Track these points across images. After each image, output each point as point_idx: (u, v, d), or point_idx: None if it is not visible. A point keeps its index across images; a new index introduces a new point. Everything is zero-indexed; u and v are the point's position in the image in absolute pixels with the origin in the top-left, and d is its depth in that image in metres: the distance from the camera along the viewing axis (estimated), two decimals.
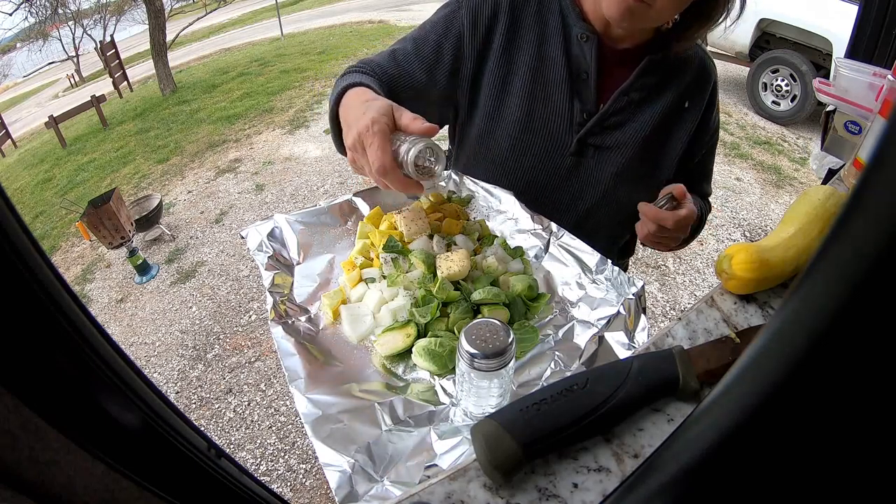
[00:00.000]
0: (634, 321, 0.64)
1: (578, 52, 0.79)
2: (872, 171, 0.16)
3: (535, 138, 0.82)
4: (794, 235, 0.58)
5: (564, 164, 0.84)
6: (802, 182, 3.70)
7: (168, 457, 0.33)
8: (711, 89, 0.86)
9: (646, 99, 0.82)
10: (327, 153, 4.71)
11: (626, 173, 0.84)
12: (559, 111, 0.81)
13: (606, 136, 0.82)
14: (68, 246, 4.26)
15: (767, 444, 0.22)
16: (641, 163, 0.84)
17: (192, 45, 12.26)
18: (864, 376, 0.18)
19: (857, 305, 0.17)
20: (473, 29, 0.80)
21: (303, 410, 0.57)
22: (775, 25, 4.50)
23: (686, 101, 0.84)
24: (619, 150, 0.83)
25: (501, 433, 0.41)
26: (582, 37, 0.78)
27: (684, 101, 0.84)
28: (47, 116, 7.14)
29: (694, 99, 0.85)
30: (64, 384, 0.27)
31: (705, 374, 0.47)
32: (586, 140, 0.82)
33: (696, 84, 0.84)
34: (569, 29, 0.79)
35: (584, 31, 0.78)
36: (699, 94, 0.85)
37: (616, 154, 0.83)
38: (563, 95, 0.80)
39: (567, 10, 0.79)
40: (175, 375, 2.68)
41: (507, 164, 0.86)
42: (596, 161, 0.83)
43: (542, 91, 0.80)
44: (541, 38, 0.80)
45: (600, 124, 0.81)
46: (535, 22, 0.80)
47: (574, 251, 0.76)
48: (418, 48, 0.81)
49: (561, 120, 0.81)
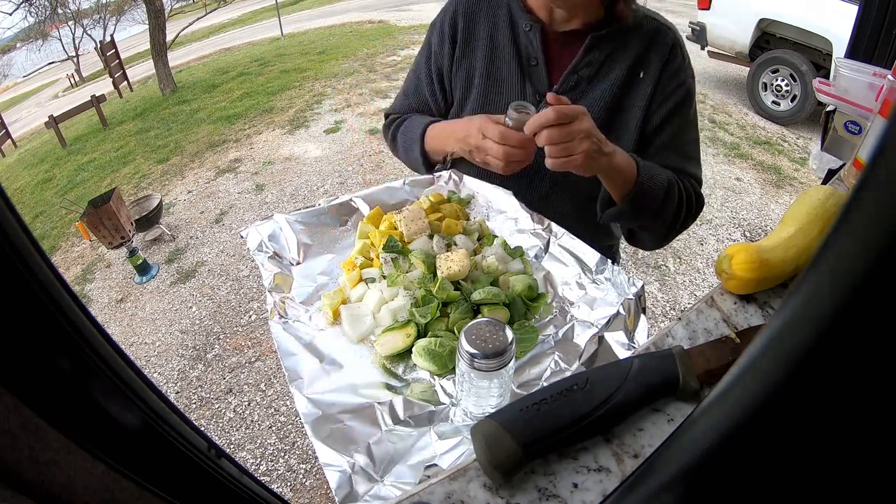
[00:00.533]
0: (634, 321, 0.64)
1: (526, 42, 0.87)
2: (872, 171, 0.16)
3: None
4: (794, 235, 0.58)
5: None
6: (802, 182, 3.69)
7: (168, 457, 0.33)
8: (668, 55, 0.84)
9: (596, 75, 0.86)
10: (327, 153, 4.71)
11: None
12: (514, 97, 0.89)
13: None
14: (68, 246, 4.26)
15: (767, 444, 0.22)
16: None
17: (192, 45, 12.27)
18: (864, 376, 0.18)
19: (857, 305, 0.17)
20: (441, 45, 0.93)
21: (303, 410, 0.57)
22: (775, 25, 4.50)
23: (640, 71, 0.84)
24: None
25: (501, 433, 0.41)
26: (527, 27, 0.87)
27: (638, 72, 0.84)
28: (47, 116, 7.14)
29: (648, 68, 0.84)
30: (64, 384, 0.27)
31: (705, 374, 0.47)
32: None
33: (649, 54, 0.84)
34: (515, 22, 0.88)
35: (528, 22, 0.86)
36: (653, 62, 0.84)
37: None
38: (516, 82, 0.88)
39: (513, 6, 0.88)
40: (175, 375, 2.68)
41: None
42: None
43: (496, 81, 0.90)
44: (492, 35, 0.89)
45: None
46: (486, 21, 0.90)
47: (574, 251, 0.76)
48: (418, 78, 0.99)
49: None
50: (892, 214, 0.15)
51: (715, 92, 5.34)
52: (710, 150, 4.13)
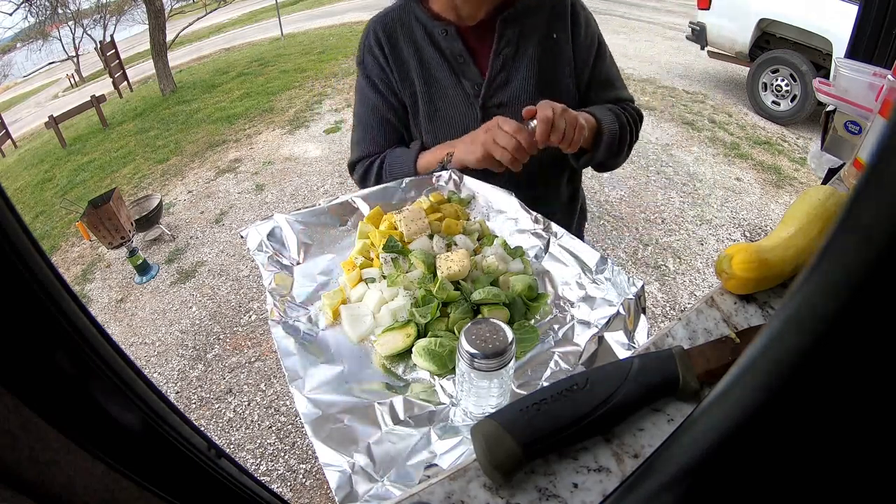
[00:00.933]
0: (634, 321, 0.64)
1: (447, 44, 0.93)
2: (872, 171, 0.16)
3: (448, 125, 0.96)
4: (794, 235, 0.58)
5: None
6: (802, 182, 3.69)
7: (168, 457, 0.33)
8: (571, 12, 0.96)
9: (517, 51, 0.94)
10: (327, 153, 4.71)
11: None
12: (455, 95, 0.95)
13: (501, 94, 0.95)
14: (68, 246, 4.26)
15: (767, 444, 0.22)
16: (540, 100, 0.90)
17: (192, 45, 12.26)
18: (864, 376, 0.18)
19: (857, 305, 0.17)
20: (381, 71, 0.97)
21: (303, 410, 0.57)
22: (775, 25, 4.50)
23: (553, 33, 0.95)
24: (518, 99, 0.94)
25: (501, 433, 0.41)
26: (443, 31, 0.92)
27: (552, 33, 0.95)
28: (47, 116, 7.14)
29: (559, 30, 0.95)
30: (64, 384, 0.27)
31: (705, 374, 0.47)
32: (487, 105, 0.94)
33: (554, 15, 0.95)
34: (431, 32, 0.94)
35: (441, 28, 0.92)
36: (560, 20, 0.96)
37: (517, 104, 0.93)
38: (452, 82, 0.94)
39: (422, 18, 0.94)
40: (175, 375, 2.68)
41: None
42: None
43: (437, 87, 0.95)
44: (416, 49, 0.95)
45: (490, 87, 0.94)
46: (405, 40, 0.95)
47: (574, 251, 0.76)
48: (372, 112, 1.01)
49: (460, 101, 0.95)
50: (892, 214, 0.15)
51: (715, 92, 5.34)
52: (710, 150, 4.13)
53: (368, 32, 0.98)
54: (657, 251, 3.12)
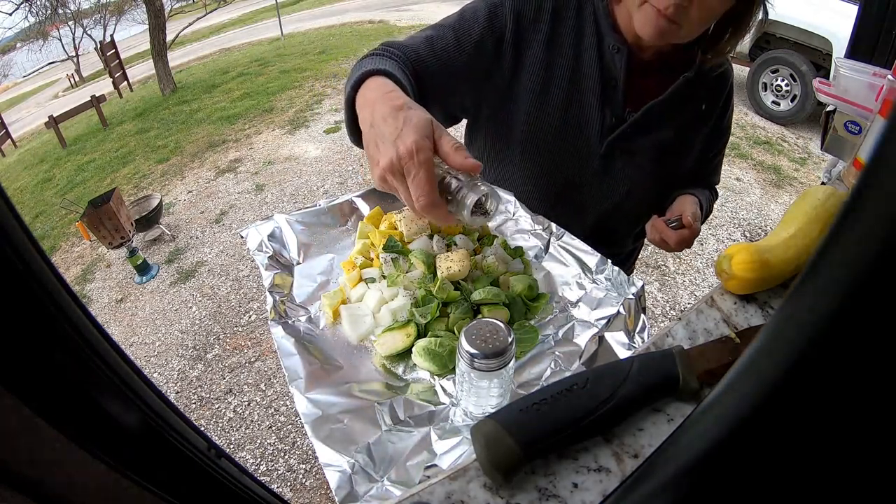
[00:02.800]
0: (634, 321, 0.64)
1: (610, 62, 0.81)
2: (872, 171, 0.16)
3: (569, 141, 0.85)
4: (794, 235, 0.58)
5: (594, 165, 0.86)
6: (802, 182, 3.69)
7: (168, 457, 0.33)
8: (727, 92, 0.90)
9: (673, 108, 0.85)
10: (327, 153, 4.71)
11: (649, 174, 0.88)
12: (592, 116, 0.84)
13: (633, 142, 0.85)
14: (68, 246, 4.26)
15: (767, 444, 0.22)
16: (663, 164, 0.89)
17: (192, 45, 12.26)
18: (864, 377, 0.18)
19: (857, 305, 0.17)
20: (517, 27, 0.80)
21: (303, 410, 0.57)
22: (775, 25, 4.50)
23: (703, 104, 0.88)
24: (644, 153, 0.87)
25: (501, 433, 0.41)
26: (613, 47, 0.80)
27: (702, 104, 0.88)
28: (47, 116, 7.14)
29: (711, 101, 0.89)
30: (64, 384, 0.27)
31: (705, 374, 0.47)
32: (614, 144, 0.85)
33: (713, 87, 0.88)
34: (602, 39, 0.81)
35: (615, 43, 0.80)
36: (716, 96, 0.89)
37: (641, 157, 0.87)
38: (595, 102, 0.83)
39: (601, 20, 0.81)
40: (175, 375, 2.68)
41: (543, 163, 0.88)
42: (622, 164, 0.87)
43: (577, 97, 0.83)
44: (577, 47, 0.82)
45: (630, 128, 0.84)
46: (572, 29, 0.82)
47: (574, 251, 0.76)
48: (459, 40, 0.79)
49: (593, 125, 0.84)
50: (891, 214, 0.15)
51: None
52: None
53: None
54: (657, 251, 3.12)
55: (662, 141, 0.86)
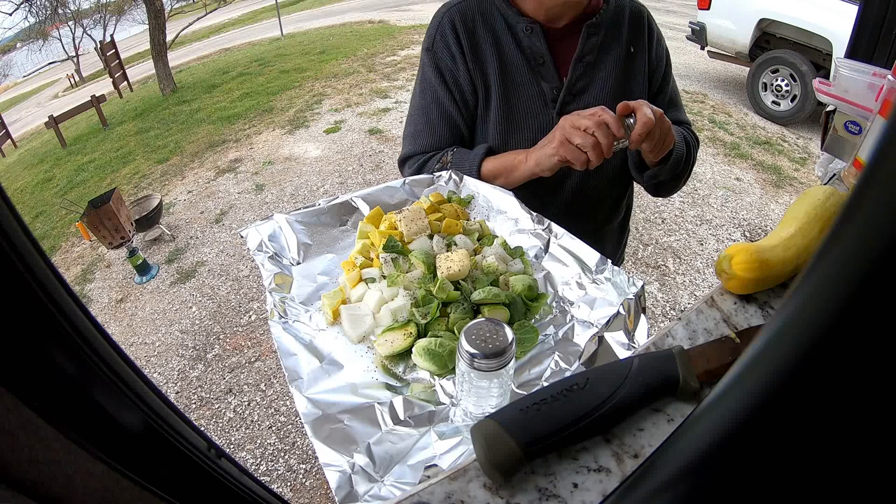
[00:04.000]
0: (634, 321, 0.64)
1: (529, 43, 0.90)
2: (872, 171, 0.16)
3: (522, 127, 0.93)
4: (794, 235, 0.58)
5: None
6: (802, 182, 3.69)
7: (168, 457, 0.33)
8: (647, 28, 0.97)
9: (598, 59, 0.93)
10: (327, 153, 4.71)
11: None
12: (531, 96, 0.92)
13: (578, 102, 0.93)
14: (68, 246, 4.26)
15: (767, 444, 0.22)
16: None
17: (192, 45, 12.27)
18: (864, 377, 0.18)
19: (857, 305, 0.17)
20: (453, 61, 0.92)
21: (303, 410, 0.57)
22: (775, 25, 4.50)
23: (631, 47, 0.95)
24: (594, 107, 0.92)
25: (501, 433, 0.41)
26: (527, 29, 0.89)
27: (630, 47, 0.95)
28: (47, 116, 7.15)
29: (636, 43, 0.96)
30: (64, 384, 0.27)
31: (705, 374, 0.47)
32: (564, 111, 0.92)
33: (633, 30, 0.96)
34: (514, 28, 0.90)
35: (526, 24, 0.89)
36: (639, 36, 0.96)
37: None
38: (531, 83, 0.91)
39: (506, 12, 0.90)
40: (175, 375, 2.68)
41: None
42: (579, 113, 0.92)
43: (512, 85, 0.92)
44: (496, 45, 0.91)
45: (569, 93, 0.92)
46: (486, 33, 0.91)
47: (574, 251, 0.76)
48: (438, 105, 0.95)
49: (536, 103, 0.92)
50: (891, 214, 0.15)
51: (715, 92, 5.34)
52: (710, 150, 4.13)
53: (442, 19, 0.92)
54: (657, 251, 3.12)
55: (605, 91, 0.93)
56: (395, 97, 5.76)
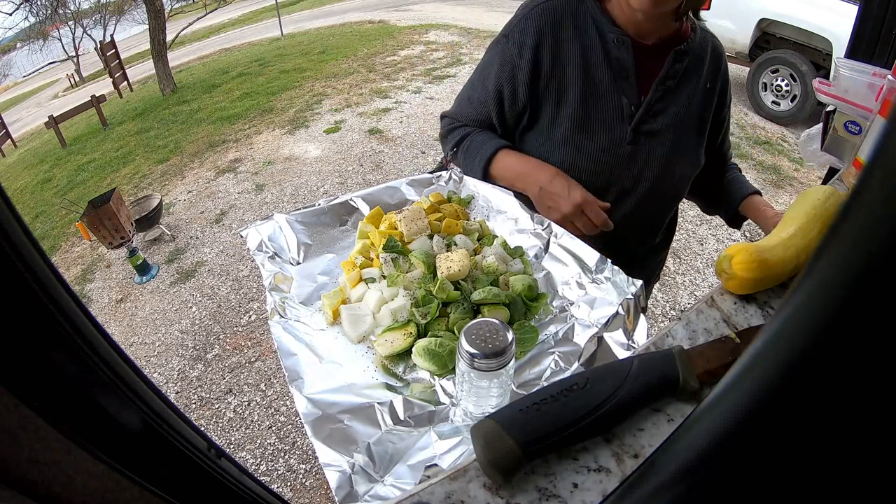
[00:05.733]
0: (634, 321, 0.64)
1: (617, 55, 0.89)
2: (872, 171, 0.16)
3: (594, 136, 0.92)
4: (793, 235, 0.58)
5: (624, 152, 0.93)
6: (802, 182, 3.69)
7: (168, 457, 0.33)
8: (723, 67, 1.00)
9: (678, 85, 0.93)
10: (327, 153, 4.71)
11: (674, 150, 0.95)
12: (612, 108, 0.91)
13: (654, 122, 0.93)
14: (68, 246, 4.26)
15: (767, 444, 0.22)
16: (685, 140, 0.97)
17: (192, 45, 12.27)
18: (863, 377, 0.18)
19: (856, 305, 0.17)
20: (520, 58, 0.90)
21: (303, 410, 0.57)
22: (775, 25, 4.50)
23: (707, 82, 0.97)
24: (666, 131, 0.94)
25: (501, 433, 0.41)
26: (617, 40, 0.88)
27: (706, 82, 0.96)
28: (47, 116, 7.15)
29: (713, 79, 0.98)
30: (64, 384, 0.27)
31: (705, 374, 0.47)
32: (639, 129, 0.92)
33: (713, 66, 0.97)
34: (604, 36, 0.89)
35: (618, 35, 0.88)
36: (716, 73, 0.98)
37: (664, 136, 0.94)
38: (612, 94, 0.91)
39: (599, 20, 0.89)
40: (175, 375, 2.68)
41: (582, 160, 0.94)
42: (649, 146, 0.93)
43: (594, 94, 0.91)
44: (584, 49, 0.90)
45: (647, 112, 0.92)
46: (574, 36, 0.90)
47: (574, 251, 0.76)
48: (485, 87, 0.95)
49: (614, 115, 0.92)
50: (891, 214, 0.15)
51: None
52: None
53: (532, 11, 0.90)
54: None
55: (678, 117, 0.94)
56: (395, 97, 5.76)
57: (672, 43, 0.91)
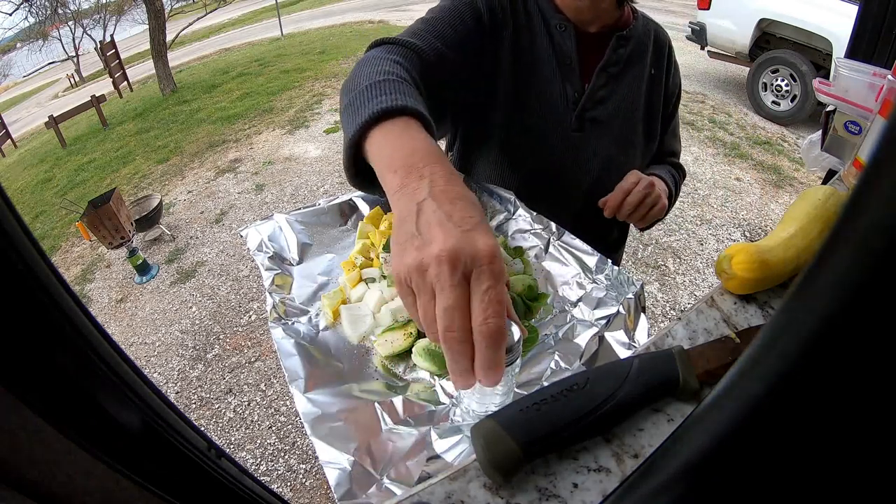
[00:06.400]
0: (634, 321, 0.64)
1: (560, 41, 0.89)
2: (872, 171, 0.16)
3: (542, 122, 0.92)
4: (793, 235, 0.58)
5: (571, 141, 0.92)
6: (802, 182, 3.69)
7: (168, 457, 0.33)
8: (668, 55, 0.99)
9: (621, 72, 0.93)
10: (327, 153, 4.71)
11: (621, 139, 0.95)
12: (553, 94, 0.91)
13: (598, 110, 0.93)
14: (68, 246, 4.26)
15: (767, 444, 0.22)
16: (631, 128, 0.96)
17: (192, 45, 12.27)
18: (864, 377, 0.18)
19: (856, 306, 0.17)
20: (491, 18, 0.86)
21: (302, 410, 0.57)
22: (775, 25, 4.50)
23: (653, 69, 0.96)
24: (611, 119, 0.94)
25: (501, 433, 0.41)
26: (560, 27, 0.88)
27: (651, 69, 0.96)
28: (47, 116, 7.15)
29: (658, 66, 0.97)
30: (64, 384, 0.27)
31: (705, 374, 0.47)
32: (583, 116, 0.92)
33: (656, 53, 0.97)
34: (548, 22, 0.89)
35: (560, 22, 0.88)
36: (660, 61, 0.98)
37: (610, 123, 0.93)
38: (557, 81, 0.91)
39: (543, 4, 0.89)
40: (175, 375, 2.68)
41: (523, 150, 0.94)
42: (595, 134, 0.93)
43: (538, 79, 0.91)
44: (531, 36, 0.90)
45: (591, 99, 0.91)
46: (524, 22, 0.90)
47: (574, 251, 0.76)
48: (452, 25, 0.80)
49: (558, 102, 0.91)
50: (892, 215, 0.15)
51: (715, 92, 5.34)
52: (710, 150, 4.13)
53: None
54: (657, 251, 3.12)
55: (622, 105, 0.93)
56: None
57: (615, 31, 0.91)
